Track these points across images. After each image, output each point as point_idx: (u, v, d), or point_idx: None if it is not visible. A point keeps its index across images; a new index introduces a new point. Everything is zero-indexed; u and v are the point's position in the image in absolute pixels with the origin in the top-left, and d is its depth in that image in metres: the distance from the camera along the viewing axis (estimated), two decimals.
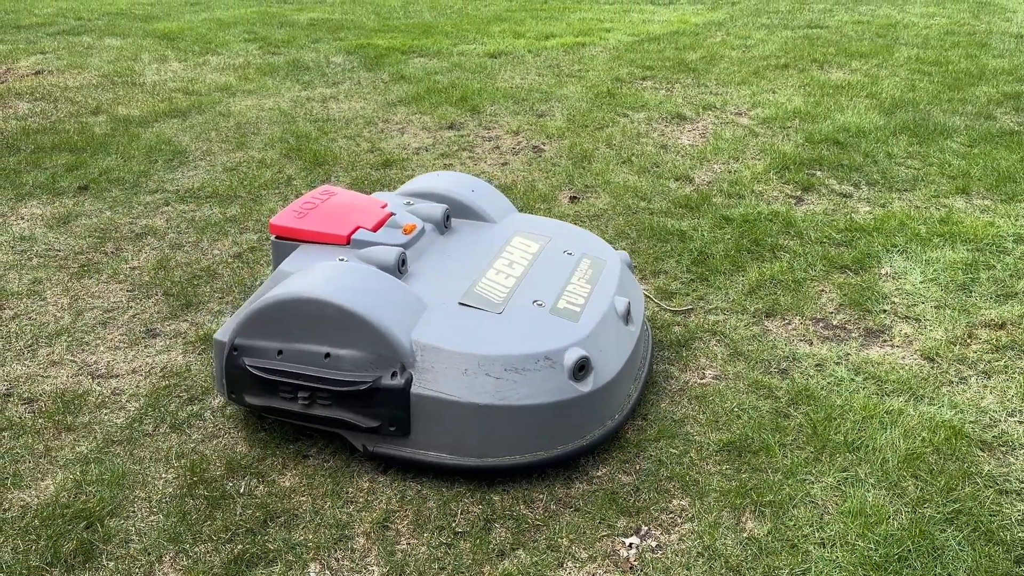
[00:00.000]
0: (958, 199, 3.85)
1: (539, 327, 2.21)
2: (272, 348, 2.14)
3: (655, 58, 6.59)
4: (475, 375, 2.06)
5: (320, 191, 2.62)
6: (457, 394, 2.05)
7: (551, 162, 4.36)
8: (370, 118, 5.09)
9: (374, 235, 2.44)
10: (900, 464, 2.18)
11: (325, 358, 2.10)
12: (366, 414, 2.10)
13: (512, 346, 2.11)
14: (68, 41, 7.25)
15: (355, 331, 2.06)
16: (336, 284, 2.12)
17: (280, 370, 2.13)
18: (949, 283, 3.08)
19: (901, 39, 7.24)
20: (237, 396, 2.22)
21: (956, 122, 4.88)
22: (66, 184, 4.01)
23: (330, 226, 2.45)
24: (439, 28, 7.93)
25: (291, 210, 2.50)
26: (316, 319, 2.08)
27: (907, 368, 2.60)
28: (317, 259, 2.32)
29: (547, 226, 2.78)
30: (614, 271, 2.54)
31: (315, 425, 2.19)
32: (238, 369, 2.18)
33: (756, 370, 2.60)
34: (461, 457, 2.11)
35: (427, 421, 2.09)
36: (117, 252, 3.35)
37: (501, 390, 2.06)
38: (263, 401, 2.18)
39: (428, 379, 2.07)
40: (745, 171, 4.20)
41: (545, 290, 2.36)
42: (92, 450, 2.25)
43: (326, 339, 2.09)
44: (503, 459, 2.11)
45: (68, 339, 2.76)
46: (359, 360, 2.08)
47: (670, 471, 2.18)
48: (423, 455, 2.12)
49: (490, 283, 2.36)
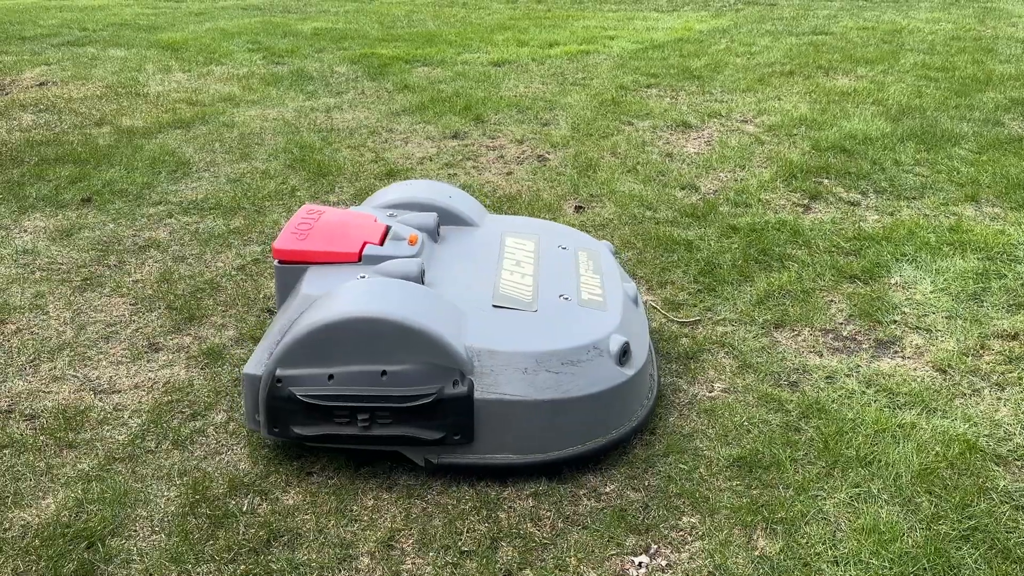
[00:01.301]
0: (967, 207, 3.81)
1: (577, 319, 2.28)
2: (322, 374, 2.06)
3: (659, 66, 6.57)
4: (535, 372, 2.09)
5: (306, 211, 2.53)
6: (521, 393, 2.08)
7: (556, 171, 4.34)
8: (374, 128, 5.07)
9: (382, 249, 2.40)
10: (914, 479, 2.14)
11: (382, 376, 2.05)
12: (430, 426, 2.08)
13: (562, 340, 2.16)
14: (72, 52, 7.26)
15: (412, 345, 2.03)
16: (385, 300, 2.09)
17: (334, 395, 2.05)
18: (960, 293, 3.04)
19: (907, 45, 7.22)
20: (282, 429, 2.11)
21: (964, 128, 4.85)
22: (69, 196, 3.99)
23: (337, 244, 2.39)
24: (443, 37, 7.93)
25: (289, 233, 2.41)
26: (369, 338, 2.03)
27: (919, 380, 2.56)
28: (336, 279, 2.26)
29: (529, 224, 2.87)
30: (609, 260, 2.69)
31: (373, 447, 2.13)
32: (284, 400, 2.07)
33: (766, 383, 2.56)
34: (526, 455, 2.14)
35: (491, 425, 2.10)
36: (120, 265, 3.33)
37: (562, 384, 2.11)
38: (315, 430, 2.09)
39: (489, 383, 2.08)
40: (752, 179, 4.17)
41: (564, 284, 2.44)
42: (94, 467, 2.22)
43: (381, 357, 2.04)
44: (566, 451, 2.16)
45: (70, 354, 2.74)
46: (418, 374, 2.05)
47: (679, 487, 2.14)
48: (489, 459, 2.14)
49: (511, 284, 2.40)
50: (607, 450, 2.22)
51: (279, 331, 2.17)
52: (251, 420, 2.20)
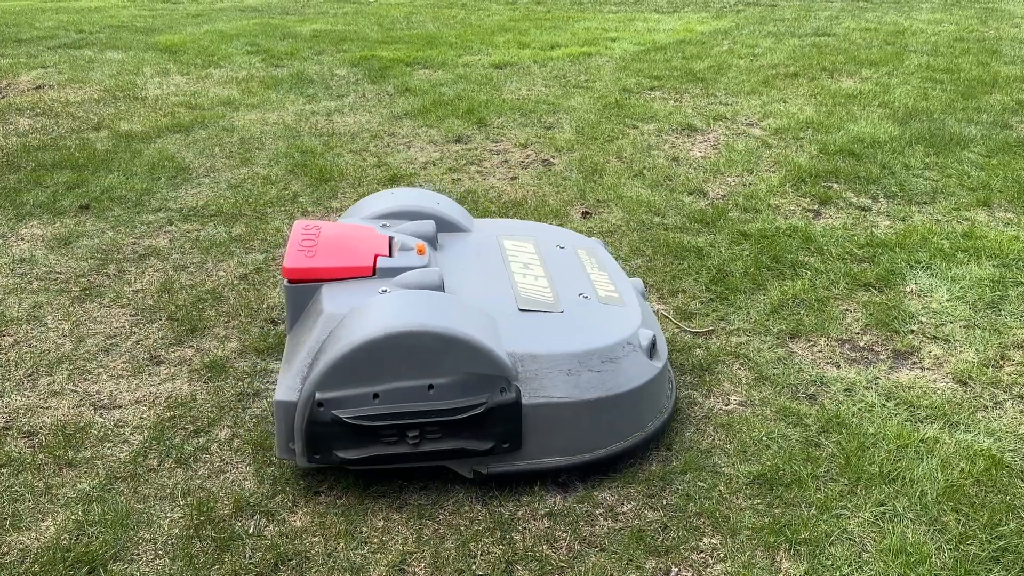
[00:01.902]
0: (980, 212, 3.76)
1: (604, 317, 2.30)
2: (366, 393, 1.99)
3: (662, 68, 6.51)
4: (579, 373, 2.09)
5: (303, 227, 2.43)
6: (568, 395, 2.08)
7: (561, 176, 4.28)
8: (376, 132, 5.01)
9: (394, 261, 2.33)
10: (939, 497, 2.08)
11: (429, 390, 2.00)
12: (480, 436, 2.05)
13: (598, 338, 2.17)
14: (69, 55, 7.19)
15: (457, 356, 1.99)
16: (424, 312, 2.04)
17: (382, 414, 1.99)
18: (977, 301, 2.99)
19: (910, 46, 7.17)
20: (323, 455, 2.03)
21: (972, 131, 4.80)
22: (67, 203, 3.92)
23: (348, 259, 2.30)
24: (443, 39, 7.87)
25: (296, 251, 2.29)
26: (413, 352, 1.98)
27: (939, 392, 2.51)
28: (356, 295, 2.18)
29: (519, 226, 2.88)
30: (607, 256, 2.73)
31: (421, 463, 2.08)
32: (327, 425, 1.99)
33: (783, 396, 2.50)
34: (573, 456, 2.13)
35: (539, 429, 2.09)
36: (120, 274, 3.26)
37: (605, 382, 2.12)
38: (362, 452, 2.02)
39: (535, 387, 2.06)
40: (760, 184, 4.11)
41: (578, 284, 2.45)
42: (94, 487, 2.16)
43: (426, 371, 1.99)
44: (611, 448, 2.17)
45: (69, 367, 2.67)
46: (464, 384, 2.01)
47: (699, 506, 2.08)
48: (537, 464, 2.12)
49: (529, 286, 2.39)
50: (646, 443, 2.24)
51: (308, 353, 2.08)
52: (284, 450, 2.08)
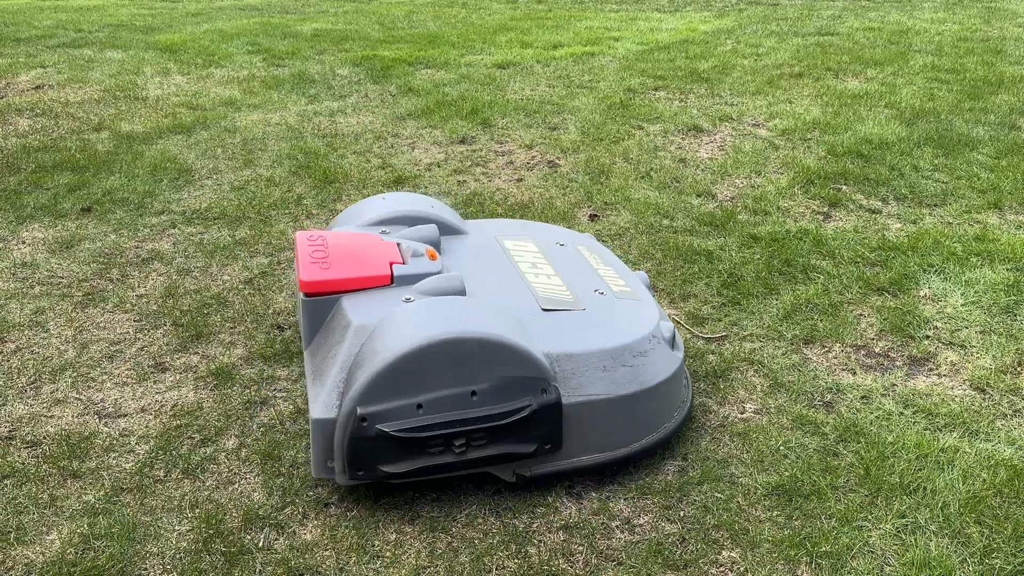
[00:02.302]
0: (991, 215, 3.72)
1: (625, 313, 2.31)
2: (410, 405, 1.95)
3: (666, 67, 6.47)
4: (614, 369, 2.11)
5: (307, 238, 2.38)
6: (605, 392, 2.09)
7: (567, 178, 4.24)
8: (379, 133, 4.96)
9: (410, 268, 2.30)
10: (962, 508, 2.04)
11: (472, 397, 1.98)
12: (524, 440, 2.03)
13: (627, 334, 2.19)
14: (68, 54, 7.13)
15: (498, 360, 1.98)
16: (464, 318, 2.03)
17: (428, 424, 1.95)
18: (992, 306, 2.95)
19: (914, 46, 7.13)
20: (368, 471, 1.98)
21: (980, 132, 4.76)
22: (68, 205, 3.88)
23: (364, 268, 2.25)
24: (445, 38, 7.82)
25: (310, 264, 2.24)
26: (456, 359, 1.95)
27: (958, 400, 2.47)
28: (381, 304, 2.15)
29: (515, 225, 2.89)
30: (606, 250, 2.77)
31: (465, 471, 2.05)
32: (372, 440, 1.94)
33: (799, 403, 2.46)
34: (611, 451, 2.15)
35: (578, 428, 2.09)
36: (123, 279, 3.21)
37: (638, 376, 2.14)
38: (408, 465, 1.98)
39: (573, 386, 2.07)
40: (769, 186, 4.07)
41: (590, 280, 2.46)
42: (100, 499, 2.11)
43: (468, 377, 1.97)
44: (644, 441, 2.19)
45: (73, 374, 2.63)
46: (506, 389, 2.00)
47: (717, 518, 2.04)
48: (576, 462, 2.12)
49: (544, 286, 2.38)
50: (676, 433, 2.26)
51: (341, 368, 2.04)
52: (321, 469, 2.02)
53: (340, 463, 1.99)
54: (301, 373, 2.61)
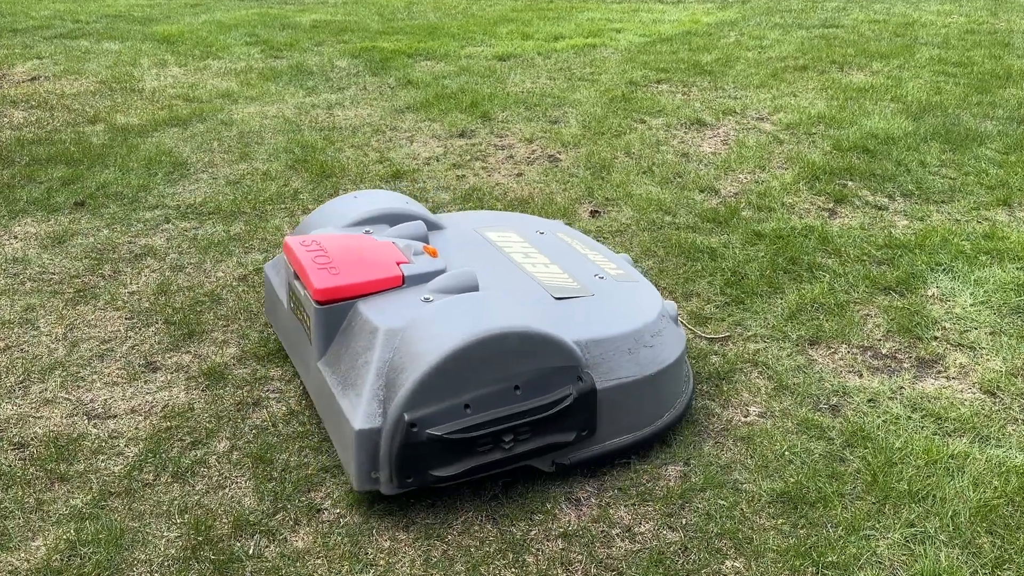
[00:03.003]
0: (1000, 211, 3.66)
1: (631, 295, 2.36)
2: (457, 405, 1.92)
3: (669, 60, 6.39)
4: (637, 351, 2.15)
5: (302, 244, 2.28)
6: (632, 373, 2.13)
7: (568, 172, 4.17)
8: (377, 126, 4.90)
9: (417, 267, 2.25)
10: (972, 518, 1.99)
11: (516, 391, 1.97)
12: (565, 428, 2.05)
13: (641, 315, 2.24)
14: (65, 45, 7.06)
15: (538, 353, 1.98)
16: (500, 314, 2.02)
17: (477, 424, 1.93)
18: (1002, 306, 2.89)
19: (920, 38, 7.05)
20: (417, 477, 1.93)
21: (988, 127, 4.69)
22: (62, 200, 3.81)
23: (375, 271, 2.18)
24: (444, 29, 7.74)
25: (318, 270, 2.15)
26: (498, 355, 1.94)
27: (967, 404, 2.41)
28: (402, 306, 2.10)
29: (490, 217, 2.88)
30: (583, 235, 2.81)
31: (508, 467, 2.03)
32: (422, 445, 1.89)
33: (804, 406, 2.41)
34: (639, 431, 2.18)
35: (610, 411, 2.11)
36: (115, 275, 3.16)
37: (658, 355, 2.19)
38: (459, 467, 1.94)
39: (604, 371, 2.10)
40: (773, 181, 4.01)
41: (585, 266, 2.48)
42: (87, 503, 2.06)
43: (509, 372, 1.96)
44: (665, 418, 2.23)
45: (62, 374, 2.57)
46: (545, 380, 2.00)
47: (720, 527, 1.98)
48: (608, 445, 2.15)
49: (546, 275, 2.39)
50: (688, 407, 2.32)
51: (377, 374, 1.97)
52: (366, 481, 1.95)
53: (387, 472, 1.93)
54: (295, 373, 2.55)
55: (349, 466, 1.99)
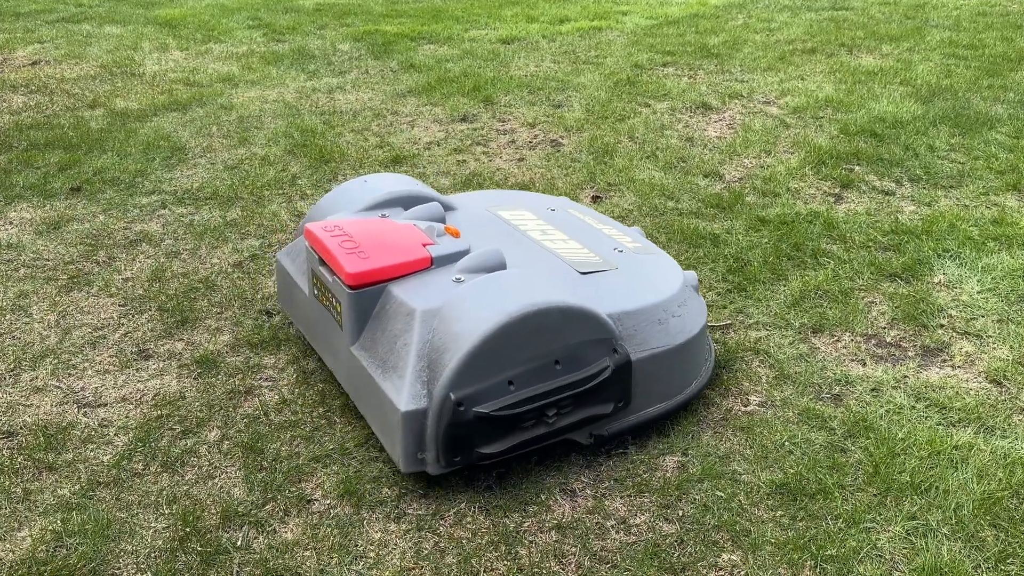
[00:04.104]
0: (1010, 197, 3.58)
1: (653, 267, 2.40)
2: (501, 382, 1.93)
3: (675, 43, 6.30)
4: (667, 321, 2.20)
5: (324, 227, 2.25)
6: (664, 343, 2.17)
7: (571, 157, 4.11)
8: (378, 110, 4.84)
9: (442, 248, 2.23)
10: (976, 510, 1.94)
11: (556, 365, 1.99)
12: (603, 400, 2.08)
13: (667, 286, 2.28)
14: (67, 29, 7.01)
15: (576, 327, 2.01)
16: (537, 290, 2.02)
17: (522, 399, 1.95)
18: (1010, 293, 2.83)
19: (931, 20, 6.93)
20: (464, 456, 1.94)
21: (999, 111, 4.60)
22: (58, 185, 3.78)
23: (403, 254, 2.17)
24: (449, 12, 7.65)
25: (346, 255, 2.11)
26: (538, 331, 1.95)
27: (972, 393, 2.36)
28: (436, 288, 2.10)
29: (498, 196, 2.88)
30: (589, 210, 2.83)
31: (549, 442, 2.06)
32: (470, 424, 1.90)
33: (806, 396, 2.36)
34: (670, 400, 2.23)
35: (644, 382, 2.15)
36: (109, 261, 3.12)
37: (685, 325, 2.24)
38: (504, 443, 1.96)
39: (637, 342, 2.13)
40: (779, 166, 3.94)
41: (603, 240, 2.50)
42: (75, 493, 2.03)
43: (550, 347, 1.98)
44: (693, 385, 2.29)
45: (54, 361, 2.54)
46: (583, 353, 2.02)
47: (717, 518, 1.94)
48: (643, 415, 2.18)
49: (567, 251, 2.40)
50: (712, 373, 2.37)
51: (417, 356, 1.96)
52: (412, 462, 1.96)
53: (434, 452, 1.94)
54: (289, 361, 2.52)
55: (394, 448, 1.99)
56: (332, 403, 2.34)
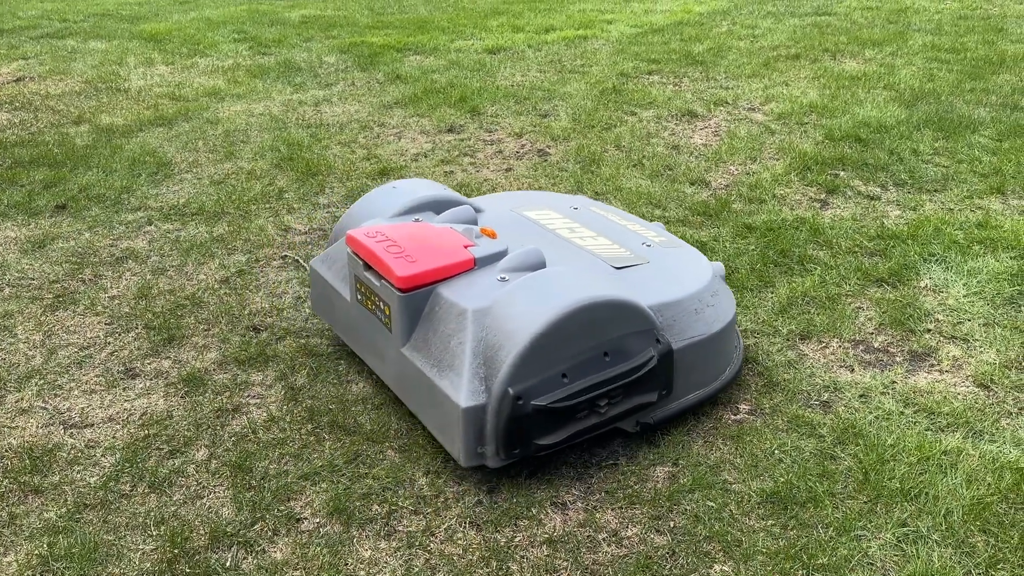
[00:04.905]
0: (994, 200, 3.60)
1: (682, 259, 2.48)
2: (556, 375, 2.00)
3: (660, 51, 6.33)
4: (702, 311, 2.28)
5: (366, 233, 2.29)
6: (701, 332, 2.25)
7: (558, 167, 4.12)
8: (365, 122, 4.84)
9: (483, 249, 2.28)
10: (966, 516, 1.94)
11: (605, 357, 2.06)
12: (649, 389, 2.15)
13: (699, 278, 2.36)
14: (52, 45, 6.99)
15: (623, 319, 2.08)
16: (585, 285, 2.09)
17: (576, 391, 2.02)
18: (995, 297, 2.84)
19: (913, 25, 6.98)
20: (523, 448, 2.01)
21: (981, 114, 4.63)
22: (43, 203, 3.76)
23: (448, 256, 2.22)
24: (435, 23, 7.67)
25: (395, 259, 2.16)
26: (588, 324, 2.02)
27: (960, 398, 2.37)
28: (482, 286, 2.15)
29: (519, 197, 2.93)
30: (608, 207, 2.89)
31: (599, 432, 2.13)
32: (528, 417, 1.97)
33: (795, 403, 2.36)
34: (708, 387, 2.31)
35: (684, 370, 2.23)
36: (95, 279, 3.11)
37: (719, 313, 2.32)
38: (560, 435, 2.03)
39: (676, 332, 2.21)
40: (764, 173, 3.95)
41: (629, 236, 2.58)
42: (62, 516, 2.02)
43: (598, 339, 2.05)
44: (727, 372, 2.37)
45: (40, 382, 2.53)
46: (629, 344, 2.10)
47: (709, 529, 1.94)
48: (684, 403, 2.27)
49: (598, 247, 2.47)
50: (744, 360, 2.47)
51: (473, 353, 2.02)
52: (472, 456, 2.02)
53: (493, 446, 2.00)
54: (276, 378, 2.51)
55: (453, 444, 2.04)
56: (320, 420, 2.33)
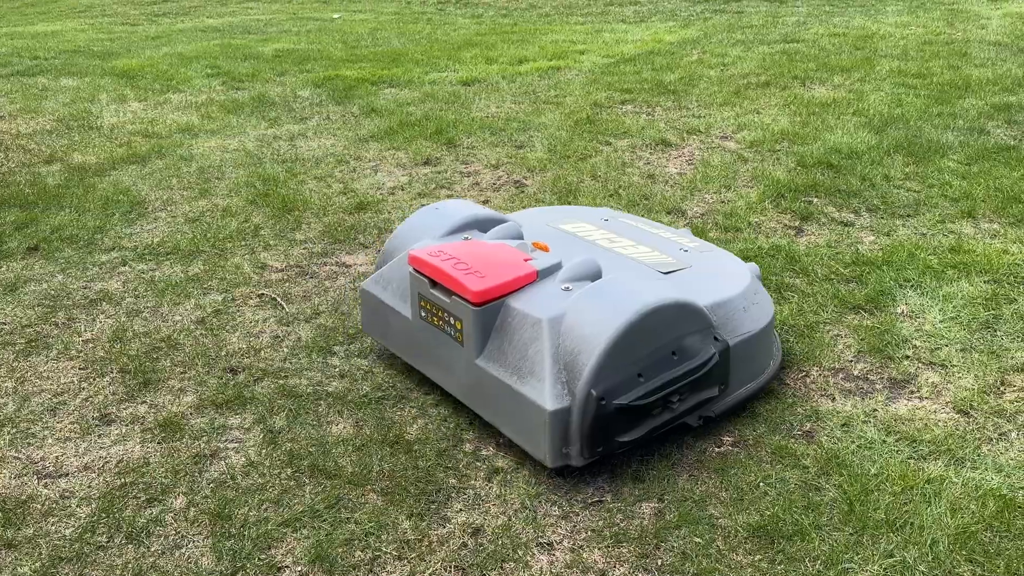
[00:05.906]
0: (965, 224, 3.66)
1: (721, 262, 2.63)
2: (632, 376, 2.13)
3: (632, 80, 6.40)
4: (749, 308, 2.42)
5: (430, 253, 2.39)
6: (750, 328, 2.39)
7: (534, 198, 4.13)
8: (341, 156, 4.83)
9: (542, 262, 2.39)
10: (951, 545, 1.95)
11: (673, 356, 2.19)
12: (710, 385, 2.28)
13: (741, 278, 2.51)
14: (22, 83, 6.94)
15: (686, 320, 2.22)
16: (650, 290, 2.22)
17: (652, 390, 2.14)
18: (971, 321, 2.87)
19: (880, 51, 7.12)
20: (606, 446, 2.14)
21: (949, 138, 4.71)
22: (15, 245, 3.71)
23: (513, 270, 2.34)
24: (409, 56, 7.70)
25: (465, 275, 2.28)
26: (657, 326, 2.15)
27: (941, 425, 2.38)
28: (551, 298, 2.27)
29: (550, 212, 3.06)
30: (634, 216, 3.04)
31: (669, 427, 2.24)
32: (611, 416, 2.09)
33: (777, 433, 2.36)
34: (756, 380, 2.44)
35: (738, 365, 2.35)
36: (69, 323, 3.06)
37: (763, 310, 2.47)
38: (639, 431, 2.16)
39: (730, 330, 2.34)
40: (739, 201, 3.99)
41: (666, 243, 2.72)
42: (36, 571, 1.96)
43: (666, 340, 2.18)
44: (771, 366, 2.51)
45: (12, 430, 2.47)
46: (692, 343, 2.22)
47: (697, 566, 1.93)
48: (736, 397, 2.39)
49: (641, 255, 2.59)
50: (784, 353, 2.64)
51: (553, 359, 2.14)
52: (557, 457, 2.14)
53: (578, 446, 2.11)
54: (255, 421, 2.47)
55: (538, 447, 2.16)
56: (300, 463, 2.30)
